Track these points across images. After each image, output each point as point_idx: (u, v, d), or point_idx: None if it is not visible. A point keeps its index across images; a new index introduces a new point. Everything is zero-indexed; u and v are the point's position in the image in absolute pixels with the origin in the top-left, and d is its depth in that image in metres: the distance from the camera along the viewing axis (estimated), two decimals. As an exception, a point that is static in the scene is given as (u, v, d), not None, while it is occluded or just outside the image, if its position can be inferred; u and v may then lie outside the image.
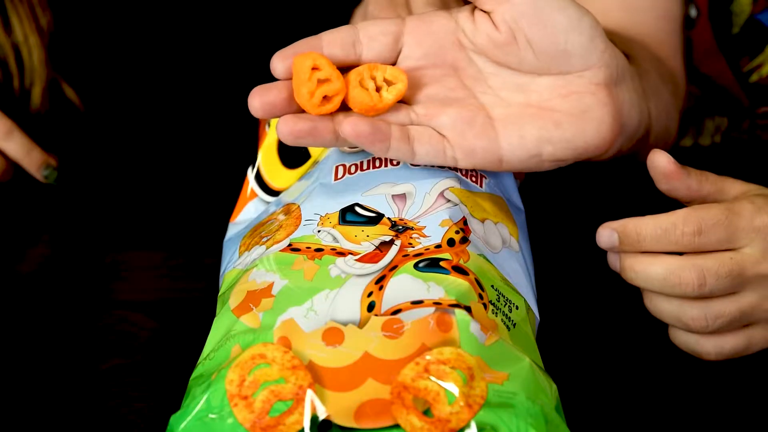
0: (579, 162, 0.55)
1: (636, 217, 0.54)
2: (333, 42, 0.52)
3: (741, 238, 0.53)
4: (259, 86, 0.51)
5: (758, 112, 0.79)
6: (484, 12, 0.52)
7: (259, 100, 0.50)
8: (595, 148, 0.53)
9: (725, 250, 0.53)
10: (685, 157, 0.58)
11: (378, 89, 0.52)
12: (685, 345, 0.56)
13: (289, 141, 0.51)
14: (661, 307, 0.55)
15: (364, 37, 0.52)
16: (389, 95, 0.51)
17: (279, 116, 0.51)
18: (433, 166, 0.55)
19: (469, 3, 0.53)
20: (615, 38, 0.64)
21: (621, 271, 0.55)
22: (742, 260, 0.53)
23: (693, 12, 0.76)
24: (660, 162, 0.55)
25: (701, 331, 0.54)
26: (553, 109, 0.53)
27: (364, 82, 0.51)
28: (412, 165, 0.55)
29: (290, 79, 0.51)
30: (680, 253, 0.53)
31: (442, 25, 0.53)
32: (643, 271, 0.54)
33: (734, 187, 0.57)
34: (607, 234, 0.54)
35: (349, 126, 0.50)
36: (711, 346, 0.55)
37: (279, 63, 0.51)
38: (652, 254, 0.53)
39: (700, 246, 0.53)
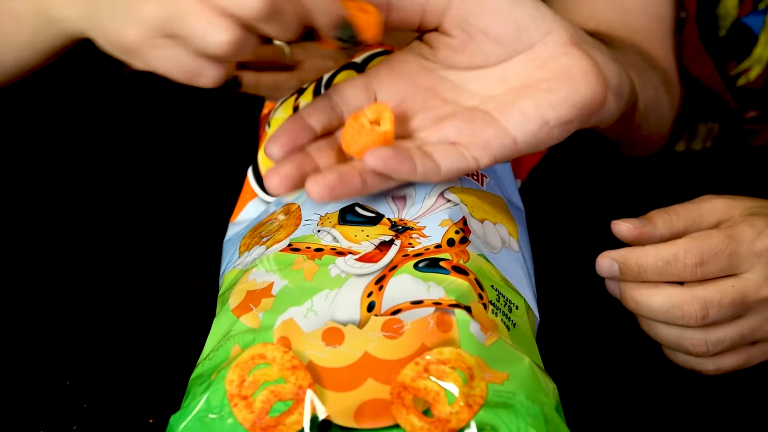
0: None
1: (636, 247, 0.54)
2: (314, 113, 0.53)
3: (742, 264, 0.53)
4: (268, 170, 0.51)
5: (746, 117, 0.79)
6: (433, 31, 0.54)
7: (276, 178, 0.50)
8: (593, 100, 0.53)
9: (727, 276, 0.53)
10: (678, 162, 0.57)
11: None
12: (684, 363, 0.56)
13: (324, 198, 0.50)
14: (660, 333, 0.55)
15: (337, 98, 0.54)
16: (386, 125, 0.52)
17: (300, 186, 0.51)
18: None
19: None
20: (604, 39, 0.64)
21: (621, 300, 0.55)
22: (743, 287, 0.53)
23: (682, 14, 0.76)
24: (621, 231, 0.56)
25: (702, 355, 0.54)
26: (539, 79, 0.53)
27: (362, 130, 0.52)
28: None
29: (288, 153, 0.52)
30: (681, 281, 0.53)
31: (401, 60, 0.55)
32: (645, 302, 0.53)
33: (714, 207, 0.56)
34: (607, 264, 0.54)
35: (372, 156, 0.50)
36: (710, 365, 0.55)
37: (274, 148, 0.52)
38: (653, 284, 0.53)
39: (702, 276, 0.53)
